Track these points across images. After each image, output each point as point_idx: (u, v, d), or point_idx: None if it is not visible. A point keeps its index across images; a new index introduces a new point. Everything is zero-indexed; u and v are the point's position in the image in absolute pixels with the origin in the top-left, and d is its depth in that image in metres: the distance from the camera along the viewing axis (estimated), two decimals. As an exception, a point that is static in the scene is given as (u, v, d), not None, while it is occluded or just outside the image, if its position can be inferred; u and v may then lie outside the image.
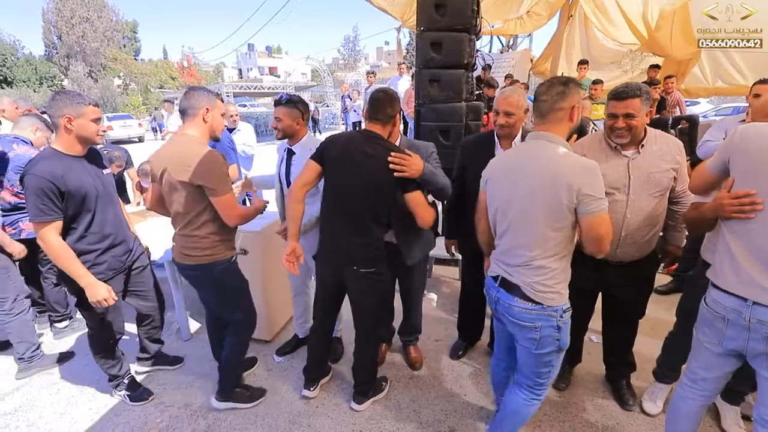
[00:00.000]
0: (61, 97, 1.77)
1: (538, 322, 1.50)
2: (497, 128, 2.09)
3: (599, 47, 8.37)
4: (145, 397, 2.27)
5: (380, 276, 1.94)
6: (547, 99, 1.46)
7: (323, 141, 1.93)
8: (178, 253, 1.95)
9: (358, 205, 1.84)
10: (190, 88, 1.92)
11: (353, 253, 1.88)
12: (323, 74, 26.60)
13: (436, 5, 3.40)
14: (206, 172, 1.75)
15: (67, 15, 33.27)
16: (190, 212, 1.84)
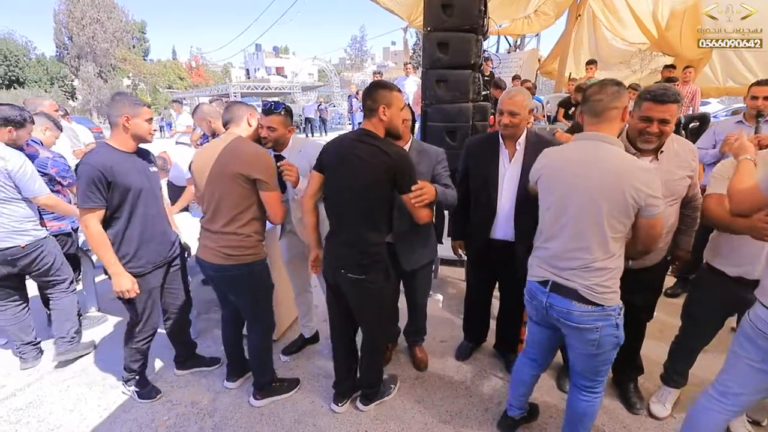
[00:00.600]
0: (121, 99, 1.94)
1: (599, 323, 1.49)
2: (501, 128, 2.08)
3: (608, 47, 8.29)
4: (153, 395, 2.29)
5: (372, 284, 1.84)
6: (602, 98, 1.47)
7: (322, 148, 1.90)
8: (216, 254, 1.92)
9: (350, 208, 1.79)
10: (230, 103, 2.07)
11: (345, 258, 1.84)
12: (330, 74, 26.66)
13: (443, 5, 3.40)
14: (263, 167, 1.85)
15: (78, 16, 33.74)
16: (238, 208, 1.87)
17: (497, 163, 2.14)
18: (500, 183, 2.14)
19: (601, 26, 7.99)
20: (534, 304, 1.68)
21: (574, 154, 1.52)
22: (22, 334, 2.57)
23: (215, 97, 11.65)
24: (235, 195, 1.86)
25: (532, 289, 1.67)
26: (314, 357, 2.66)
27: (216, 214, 1.91)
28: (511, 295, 2.34)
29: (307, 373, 2.50)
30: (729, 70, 6.54)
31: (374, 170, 1.70)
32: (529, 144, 2.09)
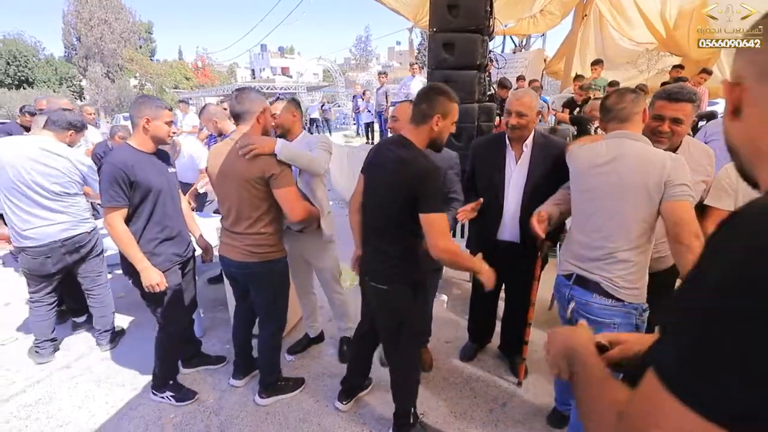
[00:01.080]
0: (143, 101, 2.00)
1: (616, 319, 1.49)
2: (508, 129, 2.06)
3: (614, 47, 8.23)
4: (191, 397, 2.29)
5: (395, 295, 1.73)
6: (625, 106, 1.54)
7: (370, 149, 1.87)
8: (240, 252, 1.94)
9: (372, 217, 1.77)
10: (240, 90, 1.92)
11: (369, 264, 1.82)
12: (335, 74, 26.71)
13: (449, 6, 3.40)
14: (274, 162, 1.83)
15: (86, 17, 34.07)
16: (259, 209, 1.88)
17: (504, 165, 2.14)
18: (506, 185, 2.13)
19: (607, 26, 7.93)
20: (558, 298, 1.72)
21: (602, 149, 1.57)
22: (47, 331, 2.65)
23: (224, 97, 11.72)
24: (254, 198, 1.86)
25: (558, 283, 1.71)
26: (319, 356, 2.68)
27: (238, 218, 1.92)
28: (516, 296, 2.34)
29: (311, 373, 2.51)
30: (737, 69, 6.46)
31: (398, 183, 1.57)
32: (536, 146, 2.08)
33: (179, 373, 2.35)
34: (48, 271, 2.46)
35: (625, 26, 7.06)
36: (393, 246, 1.68)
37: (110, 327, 2.82)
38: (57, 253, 2.44)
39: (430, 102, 1.58)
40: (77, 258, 2.56)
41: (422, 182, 1.52)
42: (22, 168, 2.29)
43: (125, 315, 3.21)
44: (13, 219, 2.35)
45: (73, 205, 2.48)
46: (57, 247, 2.43)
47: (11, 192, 2.31)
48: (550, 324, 2.95)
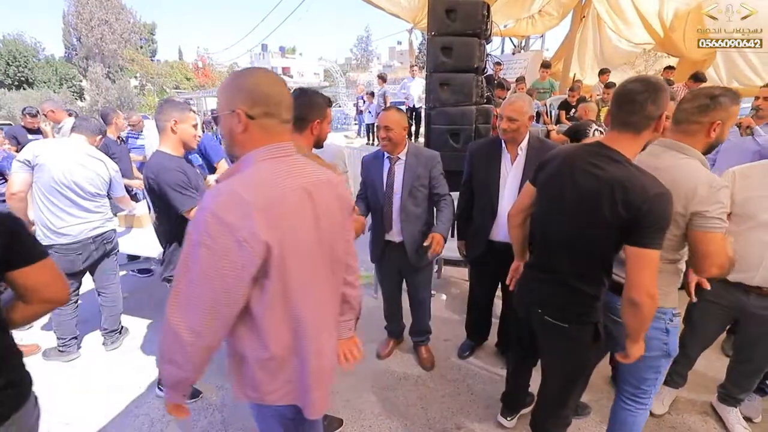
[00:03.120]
0: (169, 104, 1.99)
1: None
2: (500, 133, 2.15)
3: (612, 48, 8.29)
4: (195, 395, 2.35)
5: (578, 333, 1.46)
6: (687, 108, 1.39)
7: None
8: None
9: (574, 242, 1.43)
10: (301, 91, 1.62)
11: (544, 295, 1.53)
12: (336, 74, 26.75)
13: (447, 10, 3.45)
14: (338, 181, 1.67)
15: (87, 17, 34.10)
16: None
17: (499, 166, 2.20)
18: (502, 186, 2.19)
19: (605, 28, 7.98)
20: None
21: (647, 158, 1.45)
22: (73, 329, 2.73)
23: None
24: None
25: None
26: (319, 355, 2.73)
27: None
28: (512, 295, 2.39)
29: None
30: (733, 71, 6.52)
31: (611, 209, 1.28)
32: (531, 149, 2.15)
33: None
34: (77, 269, 2.56)
35: (622, 27, 7.11)
36: (594, 283, 1.43)
37: (117, 326, 2.89)
38: (88, 250, 2.56)
39: (657, 101, 1.26)
40: (102, 254, 2.66)
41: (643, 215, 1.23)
42: (66, 169, 2.41)
43: (129, 315, 3.26)
44: (48, 217, 2.44)
45: (104, 205, 2.64)
46: (89, 243, 2.55)
47: (51, 191, 2.41)
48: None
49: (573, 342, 1.48)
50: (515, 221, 1.74)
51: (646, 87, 1.26)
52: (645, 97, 1.25)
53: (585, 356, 1.52)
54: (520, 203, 1.70)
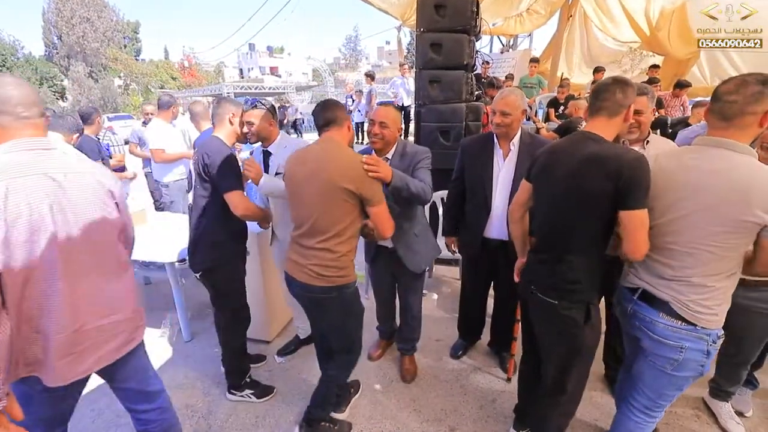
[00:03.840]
0: (227, 100, 2.14)
1: (685, 343, 1.36)
2: (494, 128, 2.12)
3: (599, 47, 8.39)
4: (270, 392, 2.32)
5: (569, 312, 1.51)
6: (738, 99, 1.24)
7: None
8: (305, 272, 1.70)
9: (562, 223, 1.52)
10: (326, 101, 1.82)
11: (539, 275, 1.61)
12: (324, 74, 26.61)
13: (436, 6, 3.41)
14: (369, 180, 1.64)
15: (68, 15, 33.33)
16: (339, 224, 1.65)
17: (492, 162, 2.17)
18: (494, 182, 2.16)
19: (592, 26, 8.07)
20: (619, 311, 1.59)
21: (696, 161, 1.33)
22: None
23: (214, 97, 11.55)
24: (337, 211, 1.64)
25: (619, 295, 1.59)
26: (309, 358, 2.66)
27: (313, 230, 1.67)
28: (505, 293, 2.37)
29: (302, 374, 2.50)
30: (716, 70, 6.64)
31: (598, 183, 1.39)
32: (523, 144, 2.13)
33: (249, 370, 2.34)
34: None
35: (609, 25, 7.18)
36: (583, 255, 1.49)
37: None
38: None
39: (625, 93, 1.42)
40: None
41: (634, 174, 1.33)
42: None
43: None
44: None
45: None
46: None
47: None
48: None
49: (564, 321, 1.52)
50: (515, 216, 1.78)
51: (614, 80, 1.47)
52: (614, 87, 1.44)
53: (578, 337, 1.54)
54: (518, 199, 1.75)
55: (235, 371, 2.27)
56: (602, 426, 2.08)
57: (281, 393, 2.34)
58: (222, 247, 2.06)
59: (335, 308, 1.77)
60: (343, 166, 1.61)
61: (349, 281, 1.74)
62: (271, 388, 2.34)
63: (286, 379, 2.46)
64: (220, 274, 2.10)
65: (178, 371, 2.56)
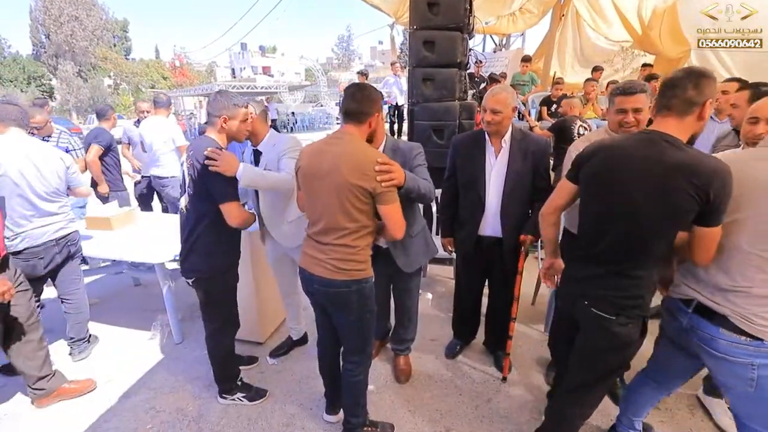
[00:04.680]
0: (221, 99, 1.94)
1: (756, 360, 1.26)
2: (484, 125, 2.11)
3: (591, 46, 8.44)
4: (262, 395, 2.26)
5: (624, 327, 1.42)
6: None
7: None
8: (324, 266, 1.65)
9: (628, 229, 1.40)
10: (359, 88, 1.67)
11: (593, 287, 1.48)
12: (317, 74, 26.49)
13: (429, 4, 3.39)
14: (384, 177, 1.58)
15: (55, 13, 32.83)
16: (356, 221, 1.60)
17: (484, 160, 2.16)
18: (487, 179, 2.15)
19: (584, 26, 8.11)
20: (671, 324, 1.52)
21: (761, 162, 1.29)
22: None
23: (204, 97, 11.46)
24: (353, 209, 1.58)
25: (671, 307, 1.50)
26: (302, 359, 2.63)
27: (329, 227, 1.63)
28: (500, 291, 2.35)
29: (295, 376, 2.47)
30: (707, 69, 6.69)
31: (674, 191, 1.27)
32: (515, 141, 2.12)
33: (240, 374, 2.29)
34: (39, 274, 2.37)
35: (601, 24, 7.22)
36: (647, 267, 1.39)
37: (84, 335, 2.71)
38: (50, 253, 2.38)
39: (698, 85, 1.26)
40: (65, 257, 2.48)
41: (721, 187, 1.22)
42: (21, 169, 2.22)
43: (99, 322, 3.09)
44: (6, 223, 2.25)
45: (65, 205, 2.47)
46: (51, 246, 2.38)
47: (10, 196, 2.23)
48: (534, 319, 2.98)
49: (619, 336, 1.42)
50: (550, 219, 1.68)
51: (687, 72, 1.29)
52: (685, 81, 1.27)
53: (629, 352, 1.48)
54: (556, 201, 1.64)
55: (225, 377, 2.22)
56: (597, 424, 2.07)
57: (274, 395, 2.30)
58: (217, 256, 1.98)
59: (354, 303, 1.71)
60: (358, 163, 1.54)
61: (368, 275, 1.70)
62: (264, 391, 2.28)
63: (279, 381, 2.42)
64: (214, 283, 2.03)
65: (168, 374, 2.50)
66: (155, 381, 2.45)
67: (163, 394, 2.33)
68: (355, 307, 1.72)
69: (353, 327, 1.79)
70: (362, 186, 1.53)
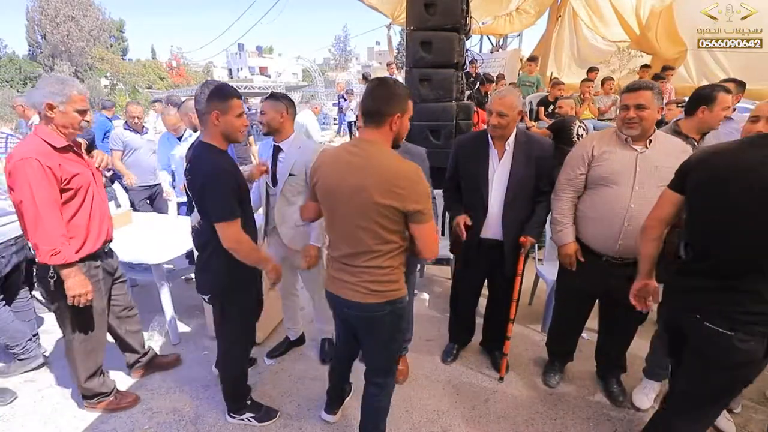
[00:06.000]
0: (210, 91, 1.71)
1: None
2: (490, 128, 2.08)
3: (587, 47, 8.47)
4: (273, 416, 2.12)
5: (745, 344, 1.30)
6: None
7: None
8: (355, 289, 1.52)
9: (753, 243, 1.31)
10: (376, 82, 1.48)
11: (707, 302, 1.39)
12: (314, 74, 26.47)
13: (426, 4, 3.40)
14: (421, 194, 1.40)
15: (52, 14, 32.63)
16: (386, 243, 1.46)
17: (487, 163, 2.15)
18: (490, 183, 2.14)
19: (581, 26, 8.14)
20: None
21: None
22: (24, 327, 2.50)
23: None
24: (384, 230, 1.43)
25: None
26: (299, 360, 2.62)
27: (358, 251, 1.48)
28: (499, 293, 2.35)
29: (292, 376, 2.46)
30: (703, 69, 6.74)
31: None
32: (518, 144, 2.11)
33: (250, 391, 2.15)
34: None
35: (599, 24, 7.25)
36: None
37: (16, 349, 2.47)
38: (8, 252, 2.32)
39: None
40: (21, 259, 2.41)
41: None
42: None
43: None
44: None
45: None
46: (9, 246, 2.32)
47: None
48: (531, 319, 2.99)
49: (739, 353, 1.32)
50: (654, 233, 1.55)
51: None
52: None
53: (746, 371, 1.37)
54: (661, 213, 1.53)
55: (235, 395, 2.10)
56: (595, 423, 2.08)
57: (270, 396, 2.30)
58: (233, 273, 1.81)
59: (387, 324, 1.59)
60: (386, 180, 1.36)
61: (403, 295, 1.57)
62: (275, 411, 2.14)
63: (276, 382, 2.41)
64: (227, 301, 1.90)
65: (165, 375, 2.49)
66: (152, 382, 2.44)
67: (160, 395, 2.33)
68: (387, 328, 1.61)
69: (381, 347, 1.68)
70: (393, 206, 1.37)
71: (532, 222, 2.15)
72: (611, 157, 1.85)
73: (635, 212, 1.80)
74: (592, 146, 1.91)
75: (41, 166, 1.68)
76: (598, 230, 1.93)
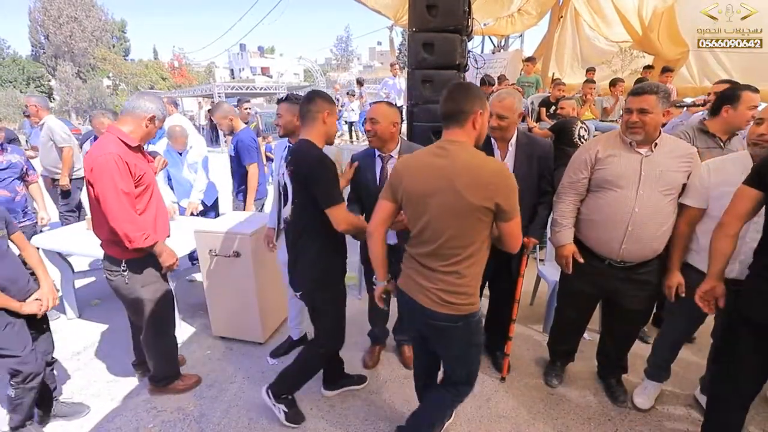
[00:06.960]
0: (320, 95, 1.88)
1: None
2: (489, 130, 2.10)
3: (590, 47, 8.46)
4: (299, 420, 2.12)
5: None
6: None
7: None
8: (430, 296, 1.48)
9: None
10: (454, 85, 1.52)
11: None
12: (316, 74, 26.52)
13: (428, 6, 3.41)
14: (512, 189, 1.38)
15: (54, 14, 32.81)
16: (472, 245, 1.43)
17: None
18: None
19: (583, 27, 8.13)
20: None
21: None
22: None
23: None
24: (471, 231, 1.41)
25: None
26: (303, 359, 2.64)
27: (441, 252, 1.45)
28: (502, 294, 2.36)
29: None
30: (705, 70, 6.72)
31: None
32: (520, 144, 2.13)
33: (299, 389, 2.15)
34: None
35: (601, 24, 7.23)
36: None
37: None
38: None
39: None
40: None
41: None
42: None
43: (99, 323, 3.10)
44: None
45: None
46: None
47: None
48: (532, 320, 3.00)
49: None
50: (729, 231, 1.51)
51: None
52: None
53: None
54: (737, 210, 1.49)
55: (290, 384, 2.11)
56: (596, 423, 2.09)
57: (274, 395, 2.31)
58: (323, 265, 1.89)
59: (459, 339, 1.55)
60: (475, 178, 1.35)
61: (476, 309, 1.52)
62: (302, 417, 2.14)
63: (279, 381, 2.43)
64: (322, 293, 1.95)
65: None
66: (156, 381, 2.46)
67: (164, 394, 2.35)
68: (460, 343, 1.57)
69: (455, 360, 1.66)
70: (484, 205, 1.34)
71: (534, 223, 2.16)
72: (616, 161, 1.84)
73: (639, 216, 1.79)
74: (596, 150, 1.90)
75: (121, 161, 1.81)
76: (601, 233, 1.93)
